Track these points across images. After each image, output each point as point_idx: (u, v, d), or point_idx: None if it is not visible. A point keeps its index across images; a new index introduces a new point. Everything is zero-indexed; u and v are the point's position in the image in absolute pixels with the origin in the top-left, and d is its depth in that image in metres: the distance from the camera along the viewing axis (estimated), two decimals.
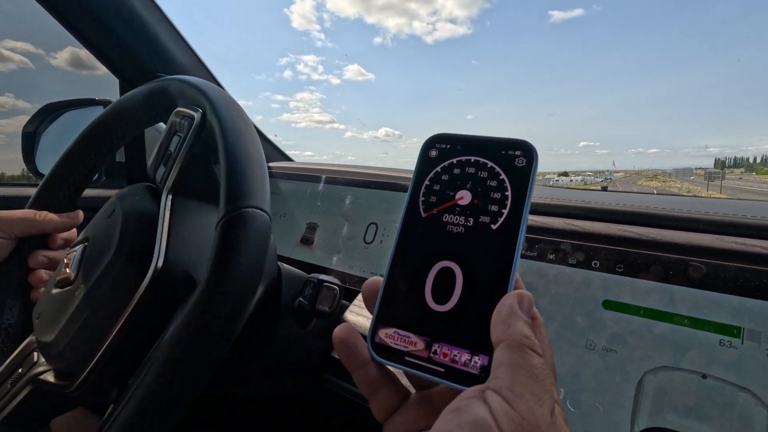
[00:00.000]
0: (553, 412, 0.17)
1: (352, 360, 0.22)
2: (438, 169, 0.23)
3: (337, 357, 0.52)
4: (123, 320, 0.33)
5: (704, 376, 0.34)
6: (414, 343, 0.21)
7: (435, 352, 0.20)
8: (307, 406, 0.53)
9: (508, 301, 0.19)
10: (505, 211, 0.21)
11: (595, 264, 0.40)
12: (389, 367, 0.22)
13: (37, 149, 0.83)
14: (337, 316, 0.53)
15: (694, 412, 0.34)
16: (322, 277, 0.43)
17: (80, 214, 0.48)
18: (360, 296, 0.55)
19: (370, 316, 0.51)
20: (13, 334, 0.44)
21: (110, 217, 0.39)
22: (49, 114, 0.84)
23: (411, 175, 0.24)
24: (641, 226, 0.40)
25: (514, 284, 0.20)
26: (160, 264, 0.33)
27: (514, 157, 0.22)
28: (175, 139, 0.38)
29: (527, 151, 0.22)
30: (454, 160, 0.23)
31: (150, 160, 0.41)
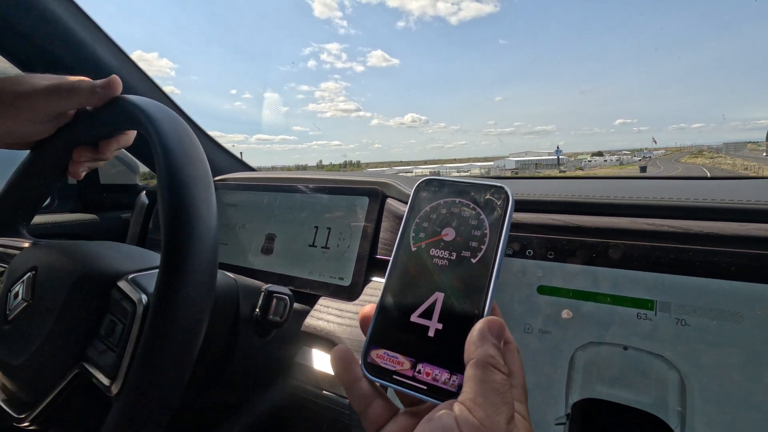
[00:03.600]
0: (511, 421, 0.20)
1: (347, 377, 0.24)
2: (427, 208, 0.27)
3: (300, 362, 0.53)
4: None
5: (625, 348, 0.37)
6: (401, 363, 0.23)
7: (419, 372, 0.23)
8: (272, 410, 0.55)
9: (479, 325, 0.22)
10: (484, 247, 0.24)
11: (529, 252, 0.43)
12: (379, 385, 0.24)
13: None
14: (297, 322, 0.55)
15: (618, 381, 0.37)
16: (273, 288, 0.45)
17: (117, 82, 0.37)
18: (320, 301, 0.57)
19: (330, 320, 0.53)
20: None
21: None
22: None
23: (366, 179, 0.26)
24: (568, 213, 0.43)
25: (491, 311, 0.23)
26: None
27: (492, 200, 0.25)
28: (109, 318, 0.35)
29: (503, 194, 0.25)
30: (442, 201, 0.26)
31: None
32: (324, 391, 0.51)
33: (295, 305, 0.53)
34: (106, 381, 0.32)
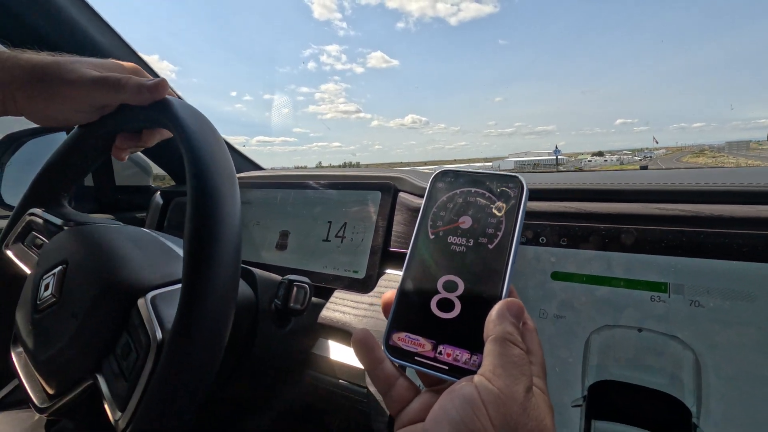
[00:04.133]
0: (529, 391, 0.21)
1: (370, 360, 0.25)
2: (444, 198, 0.28)
3: (317, 353, 0.54)
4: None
5: (640, 330, 0.38)
6: (422, 345, 0.24)
7: (440, 353, 0.24)
8: (292, 402, 0.56)
9: (498, 306, 0.23)
10: (500, 233, 0.25)
11: (543, 240, 0.44)
12: (400, 366, 0.25)
13: (1, 181, 0.82)
14: (314, 314, 0.56)
15: (633, 362, 0.38)
16: (292, 277, 0.46)
17: (165, 85, 0.36)
18: (335, 294, 0.58)
19: (345, 312, 0.54)
20: None
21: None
22: (11, 144, 0.84)
23: (376, 174, 0.27)
24: (580, 201, 0.44)
25: (508, 293, 0.24)
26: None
27: (507, 189, 0.26)
28: (125, 338, 0.35)
29: (518, 183, 0.26)
30: (458, 191, 0.27)
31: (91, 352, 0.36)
32: (341, 381, 0.52)
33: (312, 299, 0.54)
34: (114, 414, 0.32)
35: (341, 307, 0.55)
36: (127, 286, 0.37)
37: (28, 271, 0.45)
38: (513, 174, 0.27)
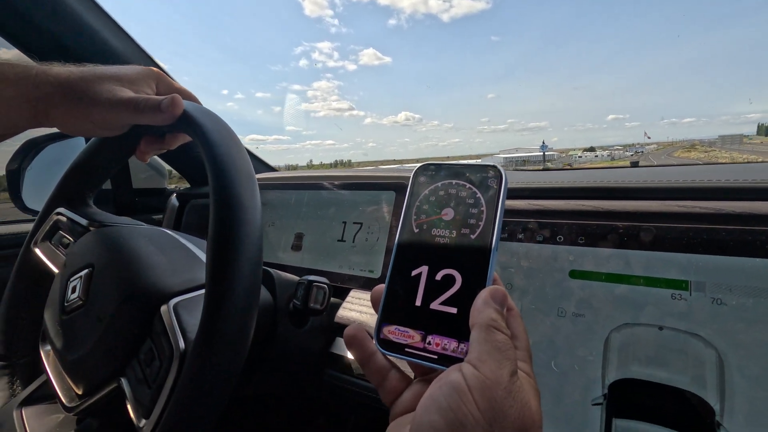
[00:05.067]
0: (514, 375, 0.21)
1: (362, 353, 0.26)
2: (426, 191, 0.28)
3: (335, 352, 0.55)
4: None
5: (661, 328, 0.38)
6: (412, 337, 0.25)
7: (429, 343, 0.25)
8: (310, 400, 0.56)
9: (482, 294, 0.24)
10: (481, 223, 0.26)
11: (560, 238, 0.44)
12: (393, 358, 0.26)
13: (22, 186, 0.84)
14: (330, 314, 0.56)
15: (654, 360, 0.38)
16: (312, 278, 0.46)
17: (179, 102, 0.37)
18: (351, 294, 0.59)
19: (362, 311, 0.55)
20: None
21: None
22: (31, 149, 0.86)
23: (390, 174, 0.28)
24: (597, 199, 0.44)
25: (492, 281, 0.25)
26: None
27: (486, 179, 0.27)
28: (149, 344, 0.36)
29: (497, 172, 0.27)
30: (440, 184, 0.28)
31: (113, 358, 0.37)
32: (357, 379, 0.53)
33: None
34: (139, 421, 0.33)
35: (357, 307, 0.56)
36: (151, 293, 0.38)
37: (55, 270, 0.46)
38: (492, 164, 0.27)
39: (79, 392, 0.39)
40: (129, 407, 0.34)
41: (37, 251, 0.50)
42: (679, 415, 0.36)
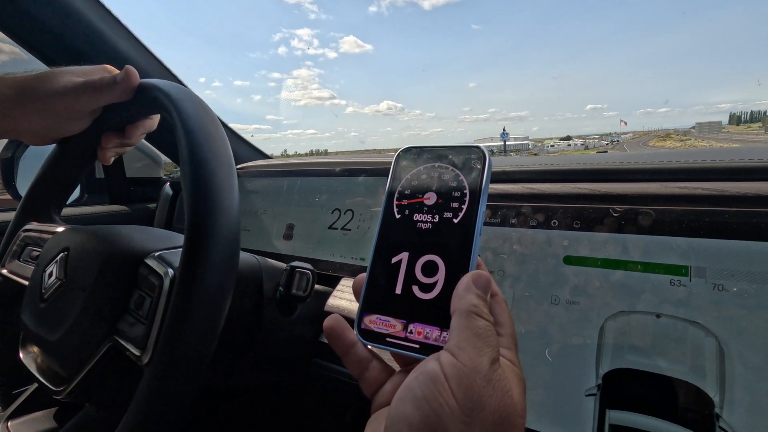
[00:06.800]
0: (495, 363, 0.20)
1: (341, 344, 0.25)
2: (408, 176, 0.27)
3: (324, 341, 0.54)
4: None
5: (658, 316, 0.36)
6: (393, 326, 0.24)
7: (411, 332, 0.24)
8: (299, 390, 0.55)
9: (465, 279, 0.23)
10: (464, 207, 0.24)
11: (554, 223, 0.42)
12: (374, 348, 0.25)
13: (16, 174, 0.84)
14: (321, 302, 0.55)
15: (651, 350, 0.36)
16: (295, 263, 0.45)
17: (132, 72, 0.37)
18: (341, 282, 0.57)
19: (352, 299, 0.53)
20: None
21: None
22: None
23: (382, 161, 0.26)
24: (593, 182, 0.42)
25: (475, 266, 0.23)
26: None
27: (470, 161, 0.25)
28: (137, 293, 0.36)
29: (480, 154, 0.25)
30: (422, 167, 0.27)
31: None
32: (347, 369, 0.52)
33: (318, 287, 0.54)
34: (136, 351, 0.33)
35: (347, 295, 0.55)
36: (132, 252, 0.38)
37: (27, 283, 0.45)
38: (475, 145, 0.26)
39: (67, 373, 0.38)
40: (128, 351, 0.34)
41: (5, 272, 0.48)
42: (677, 406, 0.35)
